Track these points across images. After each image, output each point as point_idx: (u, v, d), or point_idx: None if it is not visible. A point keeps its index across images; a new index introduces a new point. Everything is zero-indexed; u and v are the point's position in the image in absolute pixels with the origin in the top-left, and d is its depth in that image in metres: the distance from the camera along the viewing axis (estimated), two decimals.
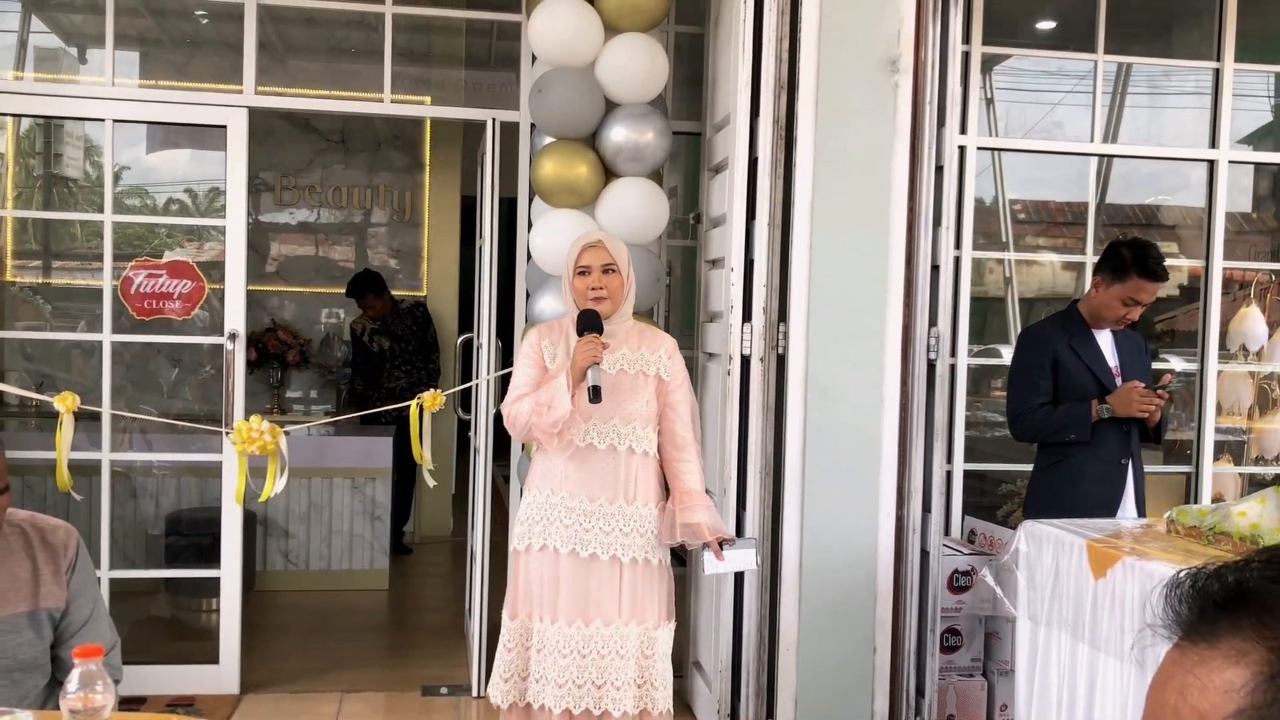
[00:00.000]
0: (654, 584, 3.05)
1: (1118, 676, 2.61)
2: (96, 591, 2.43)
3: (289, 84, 6.30)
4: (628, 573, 3.00)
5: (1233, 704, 0.76)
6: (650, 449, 3.05)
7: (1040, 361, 3.60)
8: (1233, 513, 2.72)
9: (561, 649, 2.96)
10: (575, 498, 2.99)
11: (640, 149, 3.78)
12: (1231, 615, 0.79)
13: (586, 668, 2.96)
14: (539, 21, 3.77)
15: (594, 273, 2.99)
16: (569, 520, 2.99)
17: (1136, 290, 3.50)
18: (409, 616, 5.44)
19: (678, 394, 3.08)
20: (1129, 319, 3.55)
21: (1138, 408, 3.45)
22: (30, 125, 6.61)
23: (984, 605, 3.86)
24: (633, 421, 3.01)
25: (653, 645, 3.03)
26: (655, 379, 3.05)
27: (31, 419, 5.66)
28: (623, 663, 2.98)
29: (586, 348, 2.86)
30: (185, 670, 4.19)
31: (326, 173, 7.08)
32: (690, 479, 3.06)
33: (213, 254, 6.58)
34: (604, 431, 2.99)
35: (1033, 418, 3.58)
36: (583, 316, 2.95)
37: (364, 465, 5.86)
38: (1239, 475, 5.05)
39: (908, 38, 3.59)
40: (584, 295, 3.00)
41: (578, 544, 2.98)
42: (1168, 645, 0.83)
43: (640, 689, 3.00)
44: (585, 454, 2.99)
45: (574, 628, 2.97)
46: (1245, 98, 5.25)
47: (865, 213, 3.59)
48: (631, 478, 3.02)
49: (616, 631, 2.98)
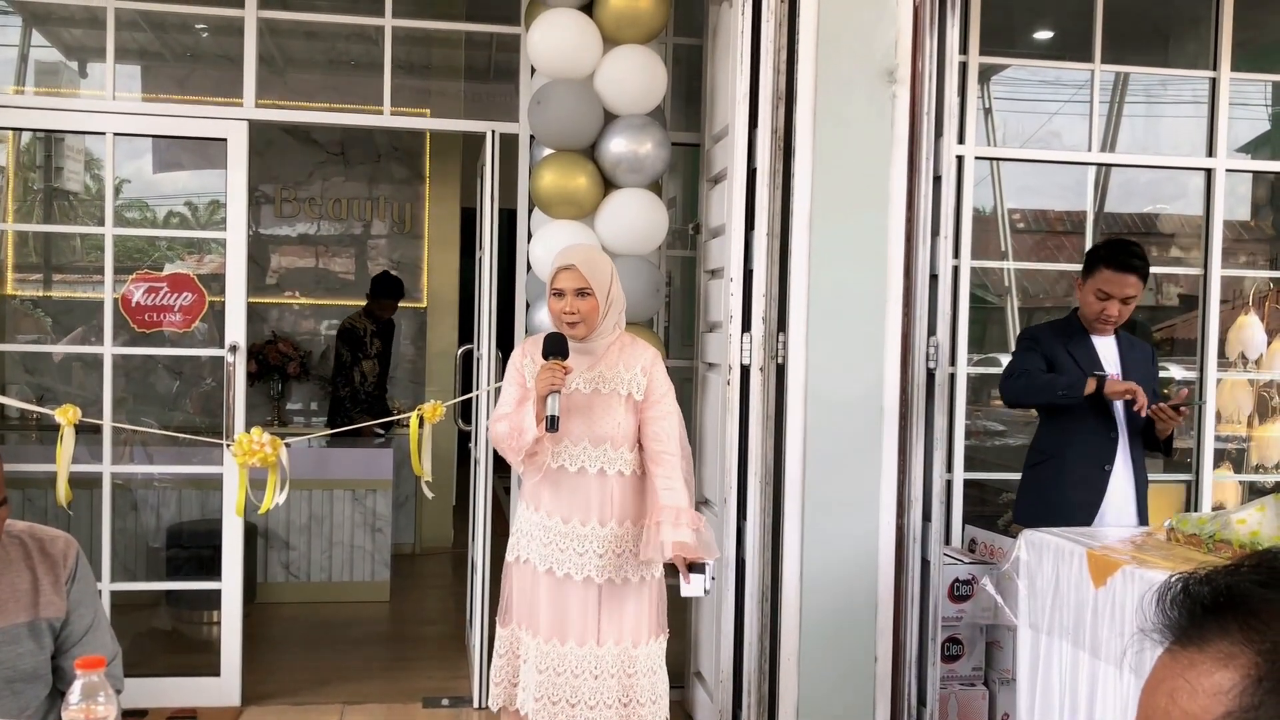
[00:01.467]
0: (631, 602, 2.99)
1: (1118, 684, 2.61)
2: (97, 602, 2.43)
3: (289, 97, 6.32)
4: (604, 593, 2.97)
5: (1221, 707, 0.77)
6: (627, 469, 2.98)
7: (1036, 352, 3.62)
8: (1232, 520, 2.72)
9: (539, 664, 2.97)
10: (551, 518, 2.99)
11: (639, 160, 3.79)
12: (1220, 619, 0.80)
13: (560, 686, 2.96)
14: (538, 34, 3.79)
15: (567, 296, 2.94)
16: (546, 539, 2.99)
17: (1105, 282, 3.49)
18: (410, 628, 5.43)
19: (655, 409, 3.00)
20: (1109, 315, 3.51)
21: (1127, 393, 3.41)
22: (31, 139, 6.63)
23: (985, 614, 3.85)
24: (603, 444, 2.95)
25: (634, 664, 2.98)
26: (628, 399, 2.98)
27: (33, 432, 5.66)
28: (598, 683, 2.95)
29: (545, 375, 2.82)
30: (187, 682, 4.19)
31: (327, 185, 7.10)
32: (666, 495, 2.92)
33: (213, 266, 6.61)
34: (574, 454, 2.96)
35: (1025, 376, 3.56)
36: (548, 340, 2.91)
37: (364, 477, 5.86)
38: (1239, 483, 5.05)
39: (905, 48, 3.60)
40: (558, 317, 2.98)
41: (554, 563, 2.98)
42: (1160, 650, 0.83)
43: (626, 708, 2.98)
44: (557, 476, 2.97)
45: (550, 645, 2.97)
46: (1242, 106, 5.26)
47: (864, 222, 3.60)
48: (606, 499, 2.97)
49: (590, 653, 2.95)
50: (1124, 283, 3.48)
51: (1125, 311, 3.53)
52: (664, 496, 2.93)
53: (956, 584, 3.85)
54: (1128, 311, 3.54)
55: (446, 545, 7.09)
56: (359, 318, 6.53)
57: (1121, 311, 3.51)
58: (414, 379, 7.31)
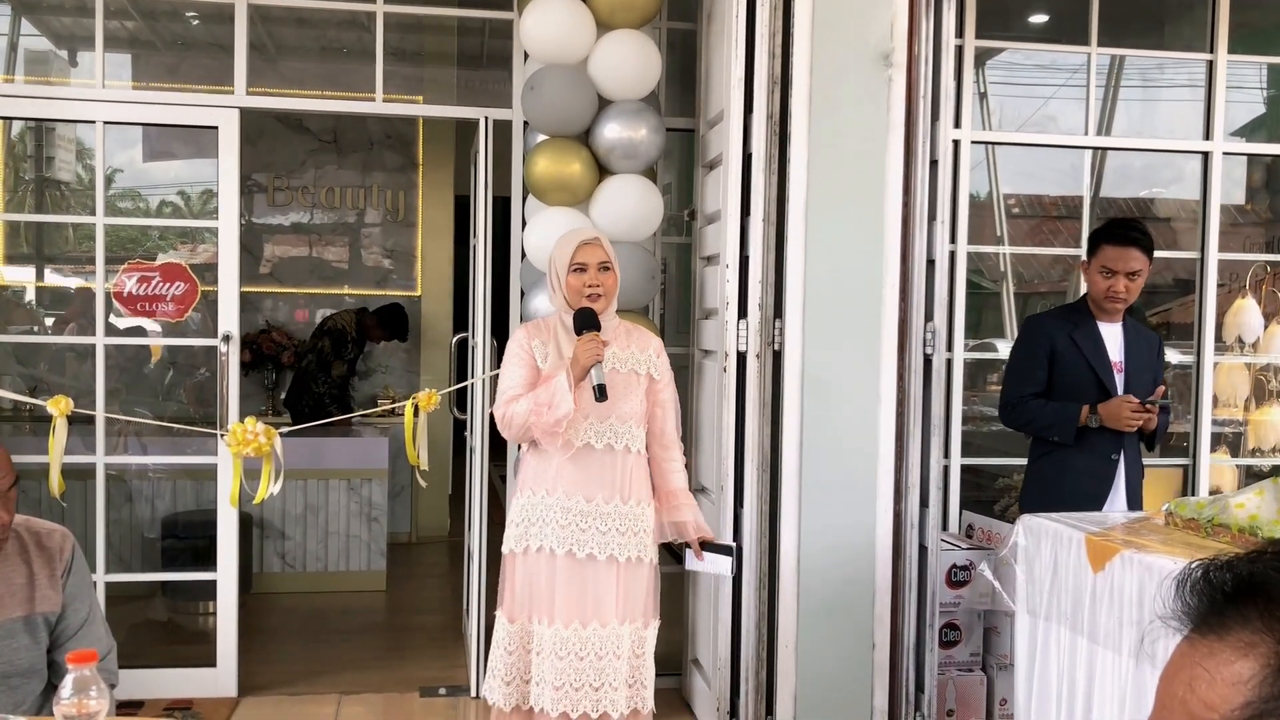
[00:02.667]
0: (645, 583, 3.05)
1: (1116, 670, 2.61)
2: (92, 595, 2.42)
3: (281, 84, 6.28)
4: (624, 572, 3.00)
5: (1240, 696, 0.76)
6: (642, 448, 3.06)
7: (1036, 352, 3.58)
8: (1231, 504, 2.71)
9: (559, 651, 2.95)
10: (572, 498, 2.97)
11: (634, 146, 3.77)
12: (1241, 607, 0.79)
13: (584, 670, 2.95)
14: (531, 19, 3.76)
15: (591, 270, 2.98)
16: (565, 521, 2.97)
17: (1108, 259, 3.47)
18: (407, 617, 5.43)
19: (665, 392, 3.10)
20: (1115, 292, 3.48)
21: (1126, 422, 3.42)
22: (22, 129, 6.59)
23: (982, 600, 3.85)
24: (628, 420, 3.01)
25: (643, 644, 3.04)
26: (647, 378, 3.06)
27: (26, 423, 5.64)
28: (618, 663, 2.97)
29: (589, 346, 2.85)
30: (183, 674, 4.18)
31: (320, 173, 7.06)
32: (677, 478, 3.11)
33: (206, 256, 6.57)
34: (601, 431, 2.98)
35: (1024, 408, 3.57)
36: (580, 315, 2.93)
37: (360, 466, 5.85)
38: (1236, 467, 5.05)
39: (901, 32, 3.59)
40: (579, 292, 2.98)
41: (575, 544, 2.96)
42: (1178, 638, 0.82)
43: (631, 689, 3.01)
44: (583, 453, 2.98)
45: (571, 630, 2.95)
46: (1239, 89, 5.24)
47: (860, 208, 3.58)
48: (627, 476, 3.02)
49: (612, 632, 2.97)
50: (1127, 256, 3.46)
51: (1133, 288, 3.49)
52: (675, 479, 3.10)
53: (954, 570, 3.85)
54: (1135, 289, 3.50)
55: (443, 534, 7.08)
56: (349, 321, 6.48)
57: (1128, 288, 3.48)
58: (409, 368, 7.29)
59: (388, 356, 7.23)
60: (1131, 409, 3.41)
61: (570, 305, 3.00)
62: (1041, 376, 3.56)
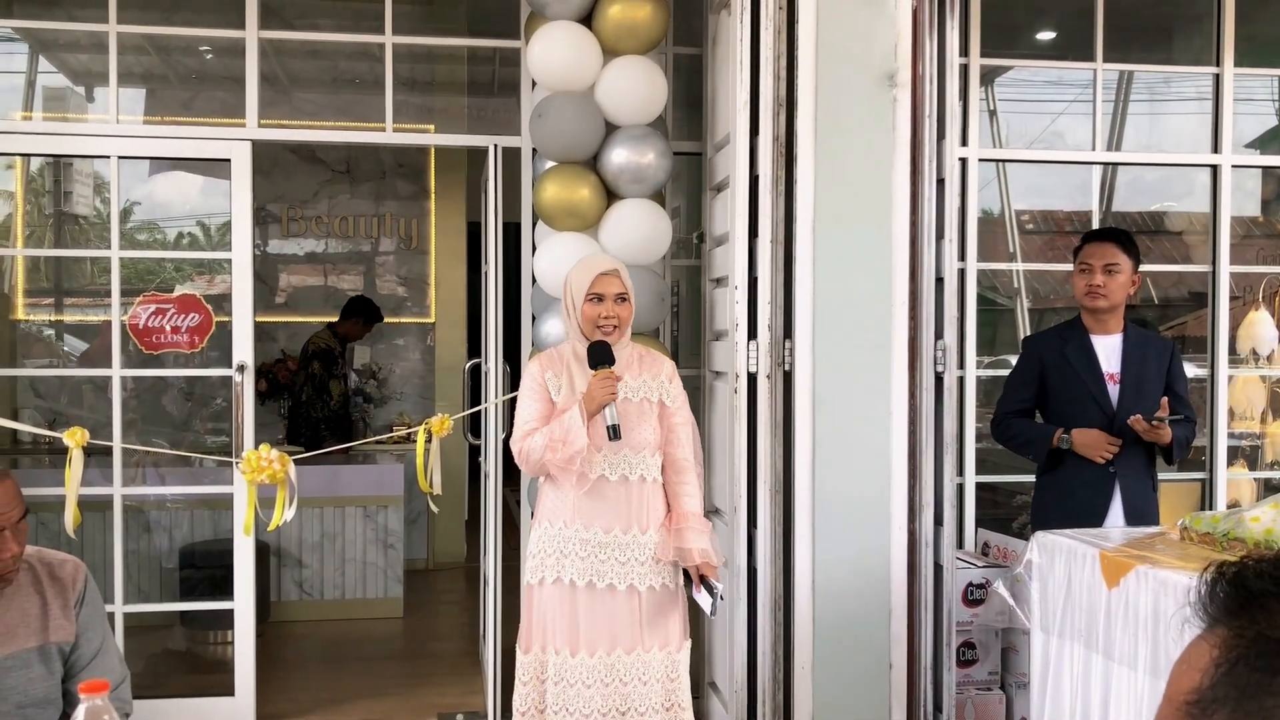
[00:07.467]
0: (670, 607, 3.06)
1: (1132, 686, 2.59)
2: (105, 625, 2.44)
3: (292, 116, 6.35)
4: (646, 600, 3.00)
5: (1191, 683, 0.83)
6: (658, 475, 3.06)
7: (1025, 370, 3.69)
8: (1246, 518, 2.69)
9: (585, 680, 2.95)
10: (589, 529, 2.98)
11: (641, 170, 3.79)
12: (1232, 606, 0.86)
13: (610, 696, 2.96)
14: (538, 47, 3.80)
15: (608, 301, 2.97)
16: (584, 553, 2.97)
17: (1085, 255, 3.56)
18: (424, 644, 5.43)
19: (678, 417, 3.10)
20: (1093, 286, 3.51)
21: (1099, 454, 3.46)
22: (41, 164, 6.68)
23: (1000, 618, 3.83)
24: (642, 450, 3.01)
25: (676, 668, 3.05)
26: (659, 405, 3.06)
27: (44, 455, 5.68)
28: (646, 689, 2.97)
29: (603, 384, 2.85)
30: (202, 703, 4.19)
31: (333, 203, 7.12)
32: (689, 501, 3.08)
33: (224, 287, 6.60)
34: (615, 462, 2.99)
35: (1007, 424, 3.69)
36: (595, 349, 2.92)
37: (375, 493, 5.87)
38: (1254, 480, 5.01)
39: (905, 52, 3.60)
40: (593, 322, 2.98)
41: (595, 575, 2.97)
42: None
43: (669, 712, 3.01)
44: (598, 485, 2.99)
45: (595, 658, 2.96)
46: (1248, 102, 5.24)
47: (867, 227, 3.59)
48: (643, 506, 3.02)
49: (638, 659, 2.97)
50: (1102, 251, 3.51)
51: (1112, 284, 3.49)
52: (687, 503, 3.07)
53: (970, 588, 3.83)
54: (1116, 285, 3.50)
55: (460, 560, 7.08)
56: (329, 337, 6.44)
57: (1106, 282, 3.49)
58: (422, 393, 7.32)
59: (403, 384, 7.26)
60: (1107, 442, 3.45)
61: (585, 334, 3.00)
62: (1027, 394, 3.62)
